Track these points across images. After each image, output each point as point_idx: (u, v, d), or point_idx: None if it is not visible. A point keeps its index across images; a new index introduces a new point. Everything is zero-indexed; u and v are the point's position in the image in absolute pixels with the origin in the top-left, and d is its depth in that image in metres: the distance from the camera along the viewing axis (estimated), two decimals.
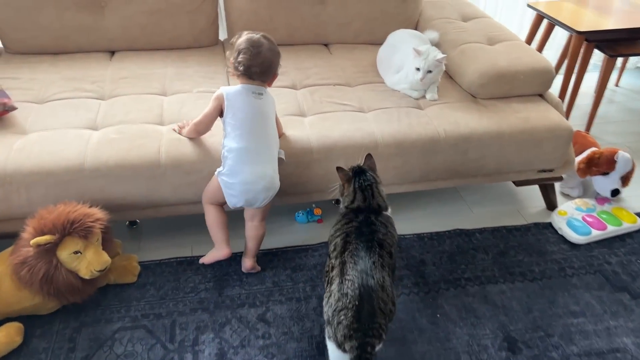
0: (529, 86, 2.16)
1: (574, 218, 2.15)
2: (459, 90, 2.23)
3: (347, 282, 1.43)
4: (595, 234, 2.10)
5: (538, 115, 2.06)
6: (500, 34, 2.39)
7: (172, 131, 1.88)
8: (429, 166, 2.00)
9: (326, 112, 2.06)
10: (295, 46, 2.55)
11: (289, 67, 2.35)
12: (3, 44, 2.40)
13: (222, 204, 1.84)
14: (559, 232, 2.15)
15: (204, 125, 1.82)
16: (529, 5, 3.01)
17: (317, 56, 2.47)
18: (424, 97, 2.18)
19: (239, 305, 1.81)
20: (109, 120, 1.94)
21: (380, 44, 2.41)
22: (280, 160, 1.82)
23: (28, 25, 2.31)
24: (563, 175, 2.26)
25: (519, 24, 3.36)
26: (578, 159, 2.29)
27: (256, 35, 1.81)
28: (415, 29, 2.62)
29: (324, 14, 2.53)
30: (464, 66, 2.22)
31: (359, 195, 1.60)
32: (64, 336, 1.69)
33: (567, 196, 2.42)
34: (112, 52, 2.46)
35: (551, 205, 2.30)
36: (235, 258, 1.96)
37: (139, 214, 1.92)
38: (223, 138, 1.77)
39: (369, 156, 1.66)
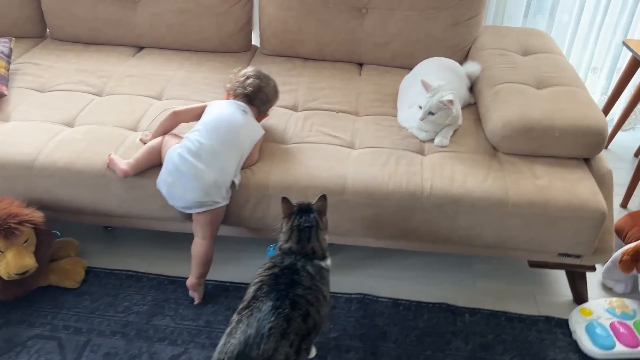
0: (567, 147, 1.71)
1: (599, 323, 1.67)
2: (481, 139, 1.85)
3: (228, 345, 1.23)
4: (620, 351, 1.61)
5: (563, 187, 1.62)
6: (558, 76, 1.95)
7: (138, 141, 1.77)
8: (407, 225, 1.67)
9: (308, 142, 1.81)
10: (322, 62, 2.33)
11: (301, 84, 2.14)
12: (49, 29, 2.48)
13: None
14: (573, 335, 1.68)
15: (184, 114, 1.74)
16: (624, 43, 2.43)
17: (339, 76, 2.22)
18: (432, 140, 1.83)
19: (159, 339, 1.66)
20: (87, 119, 1.90)
21: None
22: (232, 184, 1.64)
23: (65, 13, 2.37)
24: (596, 265, 1.77)
25: (612, 66, 2.76)
26: (625, 247, 1.77)
27: (265, 72, 1.86)
28: (465, 58, 2.24)
29: (359, 30, 2.27)
30: (491, 110, 1.84)
31: (295, 235, 1.41)
32: None
33: (611, 290, 1.90)
34: (140, 48, 2.43)
35: (579, 298, 1.82)
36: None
37: (90, 219, 1.85)
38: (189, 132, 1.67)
39: (322, 198, 1.46)
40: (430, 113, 1.75)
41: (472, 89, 2.09)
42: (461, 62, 2.15)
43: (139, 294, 1.81)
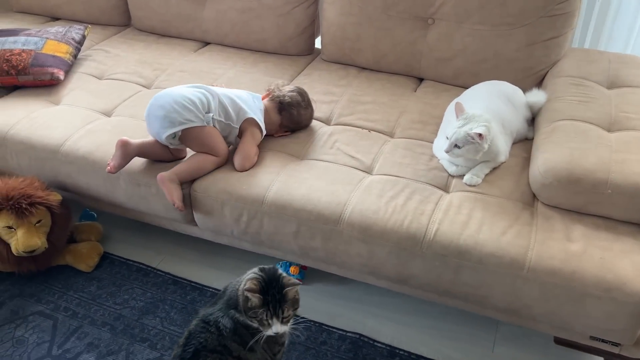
0: (619, 208, 1.39)
1: None
2: (522, 183, 1.57)
3: None
4: None
5: (599, 257, 1.31)
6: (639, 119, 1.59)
7: None
8: (406, 270, 1.47)
9: (323, 160, 1.68)
10: (378, 74, 2.17)
11: (344, 96, 2.00)
12: (132, 19, 2.61)
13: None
14: None
15: None
16: None
17: (389, 90, 2.04)
18: (463, 176, 1.60)
19: (142, 339, 1.66)
20: (124, 110, 1.95)
21: None
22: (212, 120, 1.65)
23: (144, 5, 2.47)
24: None
25: None
26: None
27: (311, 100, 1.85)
28: (540, 84, 1.94)
29: (421, 43, 2.07)
30: (540, 150, 1.55)
31: (248, 276, 1.25)
32: None
33: None
34: (206, 44, 2.46)
35: None
36: (191, 289, 1.83)
37: (108, 208, 1.90)
38: None
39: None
40: (457, 146, 1.52)
41: (533, 121, 1.79)
42: (531, 89, 1.85)
43: (141, 289, 1.82)
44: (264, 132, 1.72)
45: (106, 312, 1.74)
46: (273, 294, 1.17)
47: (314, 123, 1.87)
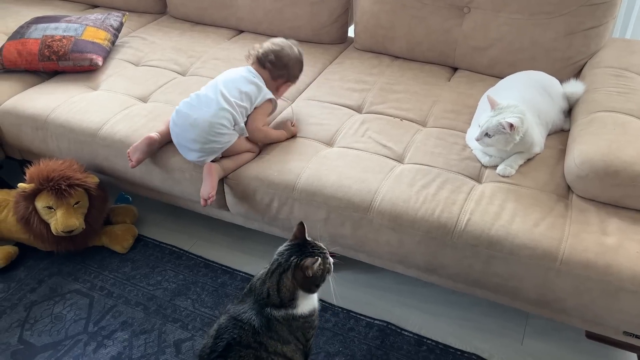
0: None
1: None
2: (556, 174, 1.55)
3: None
4: None
5: (635, 251, 1.28)
6: None
7: None
8: (435, 259, 1.46)
9: (354, 148, 1.68)
10: (411, 62, 2.15)
11: (375, 84, 2.00)
12: (168, 6, 2.65)
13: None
14: None
15: None
16: None
17: (422, 80, 2.03)
18: (496, 166, 1.58)
19: (173, 320, 1.70)
20: (160, 97, 1.99)
21: None
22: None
23: None
24: None
25: None
26: None
27: (289, 42, 1.80)
28: (578, 75, 1.90)
29: (456, 32, 2.04)
30: (576, 141, 1.52)
31: (270, 267, 1.27)
32: (39, 276, 1.85)
33: None
34: (240, 32, 2.48)
35: None
36: (222, 272, 1.87)
37: (143, 191, 1.95)
38: None
39: (300, 226, 1.28)
40: (487, 135, 1.50)
41: (570, 113, 1.75)
42: (569, 80, 1.81)
43: (174, 271, 1.86)
44: (274, 99, 1.73)
45: (140, 292, 1.78)
46: (310, 250, 1.23)
47: (346, 111, 1.87)
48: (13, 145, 2.06)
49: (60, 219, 1.72)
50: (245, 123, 1.68)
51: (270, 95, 1.71)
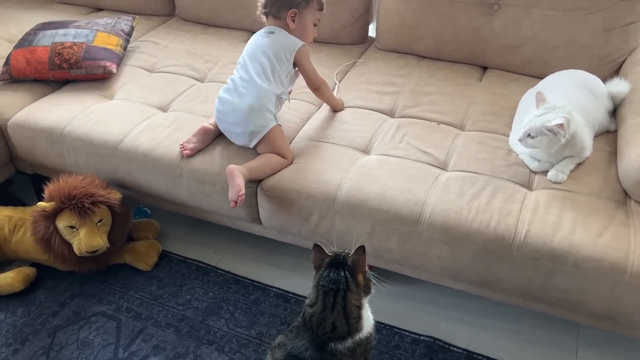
0: None
1: None
2: (610, 179, 1.48)
3: None
4: None
5: None
6: None
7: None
8: (490, 273, 1.39)
9: (394, 155, 1.60)
10: (438, 62, 2.07)
11: (406, 87, 1.91)
12: (177, 8, 2.55)
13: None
14: None
15: None
16: None
17: (453, 80, 1.95)
18: (546, 173, 1.51)
19: (208, 342, 1.61)
20: (180, 105, 1.89)
21: None
22: (280, 99, 1.65)
23: None
24: None
25: None
26: None
27: None
28: (617, 73, 1.83)
29: (486, 30, 1.96)
30: (630, 144, 1.46)
31: (320, 298, 1.18)
32: (60, 298, 1.75)
33: None
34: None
35: None
36: (254, 288, 1.78)
37: (167, 205, 1.86)
38: None
39: (359, 249, 1.19)
40: (530, 136, 1.42)
41: (614, 113, 1.68)
42: (607, 78, 1.75)
43: (203, 289, 1.77)
44: (304, 43, 1.67)
45: (169, 312, 1.69)
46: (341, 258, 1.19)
47: (377, 115, 1.79)
48: (25, 159, 1.95)
49: (84, 239, 1.62)
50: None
51: (297, 45, 1.64)
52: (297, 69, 1.70)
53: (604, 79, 1.74)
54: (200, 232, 2.00)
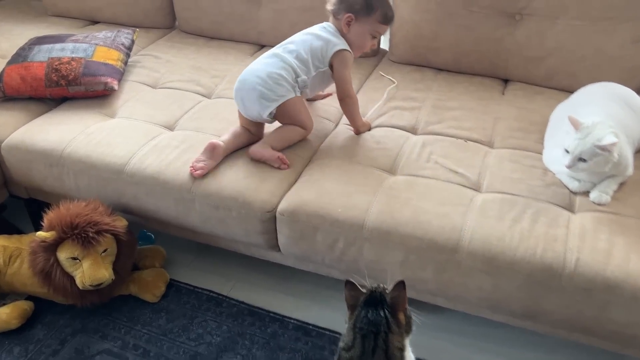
0: None
1: None
2: None
3: None
4: None
5: None
6: None
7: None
8: (537, 305, 1.28)
9: (422, 176, 1.49)
10: (457, 75, 1.98)
11: (426, 101, 1.81)
12: (177, 21, 2.44)
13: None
14: None
15: None
16: None
17: (475, 94, 1.85)
18: (588, 193, 1.41)
19: None
20: (188, 124, 1.77)
21: None
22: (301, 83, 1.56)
23: (192, 6, 2.29)
24: None
25: None
26: None
27: None
28: None
29: (508, 41, 1.87)
30: None
31: (358, 342, 1.06)
32: (60, 335, 1.62)
33: None
34: (261, 46, 2.27)
35: None
36: (270, 320, 1.66)
37: (176, 231, 1.73)
38: None
39: (399, 285, 1.08)
40: (582, 160, 1.33)
41: None
42: (638, 91, 1.66)
43: (215, 321, 1.64)
44: (347, 50, 1.60)
45: (180, 349, 1.56)
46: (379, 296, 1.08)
47: (399, 133, 1.69)
48: (20, 183, 1.82)
49: (88, 272, 1.49)
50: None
51: (338, 46, 1.57)
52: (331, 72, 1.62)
53: (636, 92, 1.65)
54: (208, 258, 1.88)
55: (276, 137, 1.56)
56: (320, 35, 1.60)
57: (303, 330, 1.61)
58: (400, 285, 1.07)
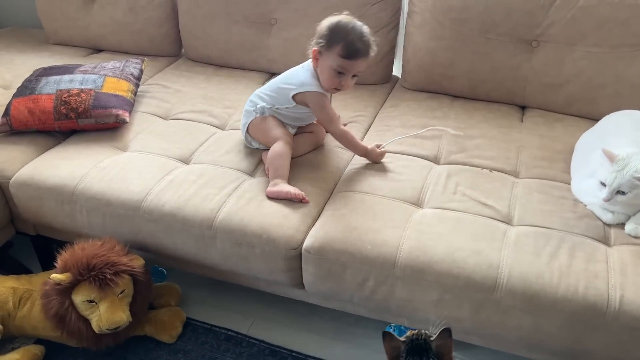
0: None
1: None
2: None
3: None
4: None
5: None
6: None
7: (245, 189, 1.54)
8: (580, 345, 1.24)
9: (451, 209, 1.45)
10: (474, 102, 1.95)
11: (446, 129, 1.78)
12: (184, 49, 2.40)
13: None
14: None
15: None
16: None
17: (494, 122, 1.83)
18: (622, 225, 1.37)
19: None
20: (204, 157, 1.72)
21: None
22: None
23: (200, 34, 2.26)
24: None
25: None
26: None
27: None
28: None
29: (526, 68, 1.85)
30: None
31: None
32: None
33: None
34: (272, 74, 2.24)
35: None
36: None
37: (194, 269, 1.67)
38: None
39: (445, 333, 1.05)
40: (620, 192, 1.30)
41: None
42: None
43: None
44: (323, 92, 1.55)
45: None
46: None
47: (423, 163, 1.65)
48: (28, 220, 1.75)
49: (105, 315, 1.42)
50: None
51: (294, 91, 1.56)
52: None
53: None
54: (224, 295, 1.81)
55: (271, 170, 1.54)
56: (292, 73, 1.60)
57: None
58: (446, 332, 1.03)
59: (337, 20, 1.50)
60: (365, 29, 1.50)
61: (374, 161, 1.63)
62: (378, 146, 1.63)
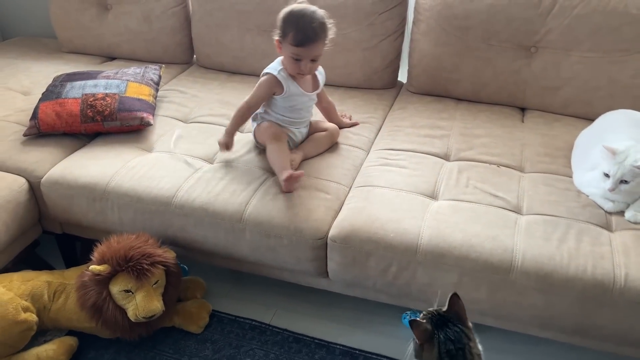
0: None
1: None
2: None
3: None
4: None
5: None
6: None
7: (279, 182, 1.63)
8: (589, 321, 1.35)
9: (465, 200, 1.56)
10: (477, 105, 2.08)
11: (453, 129, 1.90)
12: (196, 56, 2.49)
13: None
14: None
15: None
16: None
17: (497, 122, 1.95)
18: (622, 212, 1.49)
19: None
20: (227, 156, 1.80)
21: None
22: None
23: (213, 41, 2.35)
24: None
25: None
26: None
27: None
28: None
29: (525, 72, 1.99)
30: None
31: None
32: None
33: None
34: None
35: None
36: (316, 347, 1.69)
37: (221, 262, 1.75)
38: None
39: (454, 297, 1.15)
40: (623, 182, 1.42)
41: None
42: None
43: (262, 350, 1.66)
44: (278, 75, 1.67)
45: None
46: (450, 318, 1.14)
47: (434, 160, 1.76)
48: (57, 218, 1.82)
49: (141, 304, 1.50)
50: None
51: (267, 70, 1.68)
52: (276, 94, 1.70)
53: None
54: (246, 287, 1.90)
55: (274, 168, 1.65)
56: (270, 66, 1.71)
57: (350, 356, 1.64)
58: (455, 296, 1.13)
59: (289, 10, 1.58)
60: (318, 14, 1.56)
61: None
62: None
